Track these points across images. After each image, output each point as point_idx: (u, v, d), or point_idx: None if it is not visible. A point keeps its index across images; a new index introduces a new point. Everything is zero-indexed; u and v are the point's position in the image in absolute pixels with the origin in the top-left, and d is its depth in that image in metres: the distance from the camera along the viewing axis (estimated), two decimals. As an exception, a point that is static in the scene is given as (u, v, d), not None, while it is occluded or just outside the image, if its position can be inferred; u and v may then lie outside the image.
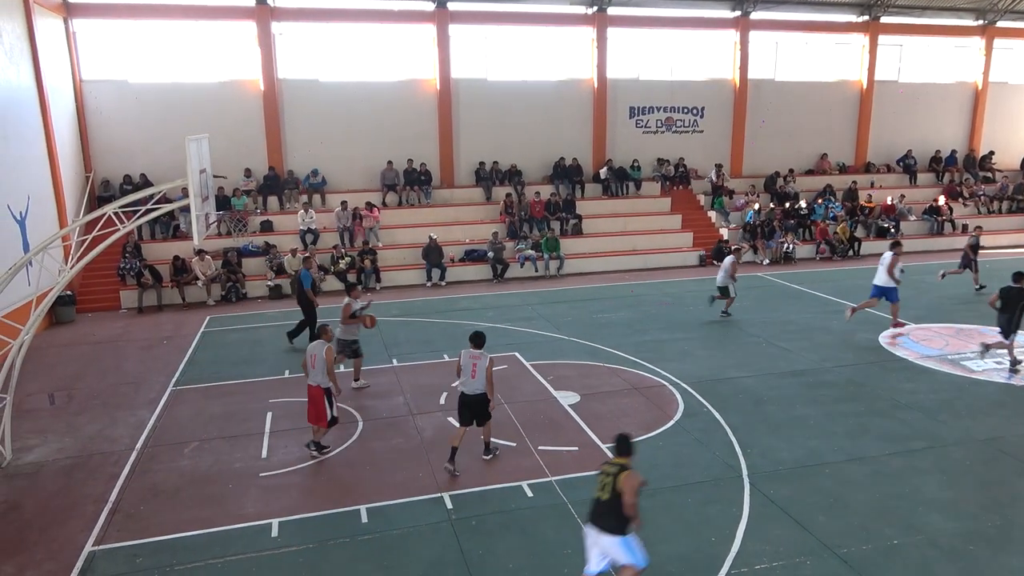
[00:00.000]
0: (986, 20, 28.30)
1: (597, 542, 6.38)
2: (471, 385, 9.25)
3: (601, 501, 6.35)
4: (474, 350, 9.31)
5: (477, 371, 9.18)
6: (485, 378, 9.15)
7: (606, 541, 6.31)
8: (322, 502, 8.63)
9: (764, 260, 23.26)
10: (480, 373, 9.16)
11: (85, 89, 20.91)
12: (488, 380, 9.17)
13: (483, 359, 9.20)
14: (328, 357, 9.60)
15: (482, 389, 9.22)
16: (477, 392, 9.23)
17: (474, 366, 9.20)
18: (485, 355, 9.25)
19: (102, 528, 8.20)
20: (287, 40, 22.43)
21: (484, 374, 9.15)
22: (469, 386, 9.27)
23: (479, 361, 9.20)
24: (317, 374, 9.63)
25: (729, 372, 12.86)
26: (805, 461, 9.46)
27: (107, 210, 10.06)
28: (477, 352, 9.28)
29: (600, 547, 6.39)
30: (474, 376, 9.20)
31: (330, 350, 9.69)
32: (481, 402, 9.28)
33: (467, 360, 9.27)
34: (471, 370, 9.22)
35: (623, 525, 6.27)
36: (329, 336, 9.98)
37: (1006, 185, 28.13)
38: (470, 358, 9.26)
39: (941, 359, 13.39)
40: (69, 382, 13.26)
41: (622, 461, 6.44)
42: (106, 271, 19.40)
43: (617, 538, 6.27)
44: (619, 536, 6.27)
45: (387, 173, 23.26)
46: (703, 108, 26.37)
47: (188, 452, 10.12)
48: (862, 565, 7.24)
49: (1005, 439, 10.03)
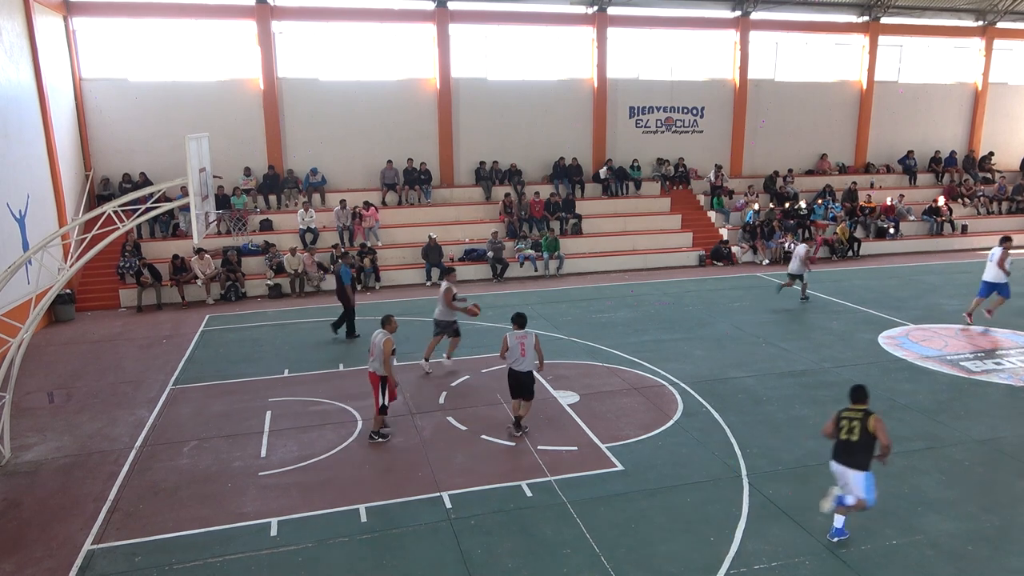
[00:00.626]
0: (986, 21, 28.32)
1: (843, 476, 7.47)
2: (521, 363, 9.93)
3: (851, 442, 7.35)
4: (519, 330, 9.99)
5: (526, 349, 9.89)
6: (534, 354, 9.88)
7: (851, 475, 7.38)
8: (321, 501, 8.63)
9: (764, 260, 23.26)
10: (529, 350, 9.90)
11: (85, 87, 20.90)
12: (538, 355, 9.99)
13: (529, 337, 9.94)
14: (386, 347, 9.79)
15: (530, 366, 9.93)
16: (527, 369, 9.94)
17: (522, 345, 9.88)
18: (530, 333, 10.02)
19: (101, 526, 8.20)
20: (287, 39, 22.43)
21: (532, 351, 9.86)
22: (519, 364, 9.93)
23: (526, 340, 9.91)
24: (375, 361, 9.91)
25: (728, 372, 12.86)
26: (804, 461, 9.46)
27: (107, 209, 10.05)
28: (522, 332, 9.98)
29: (845, 480, 7.47)
30: (523, 355, 9.89)
31: (389, 341, 9.89)
32: (530, 378, 10.00)
33: (514, 341, 9.92)
34: (519, 349, 9.88)
35: (868, 462, 7.35)
36: (393, 327, 10.16)
37: (1004, 186, 28.16)
38: (516, 339, 9.93)
39: (941, 360, 13.40)
40: (68, 381, 13.26)
41: (863, 407, 7.41)
42: (105, 270, 19.40)
43: (862, 474, 7.34)
44: (864, 472, 7.35)
45: (387, 172, 23.25)
46: (703, 108, 26.38)
47: (187, 451, 10.12)
48: (861, 565, 7.24)
49: (1004, 440, 10.03)
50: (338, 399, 11.85)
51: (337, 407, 11.54)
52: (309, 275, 20.01)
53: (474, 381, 12.59)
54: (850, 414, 7.42)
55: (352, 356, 14.11)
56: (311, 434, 10.54)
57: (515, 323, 10.09)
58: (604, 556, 7.45)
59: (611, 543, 7.67)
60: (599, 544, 7.65)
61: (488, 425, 10.68)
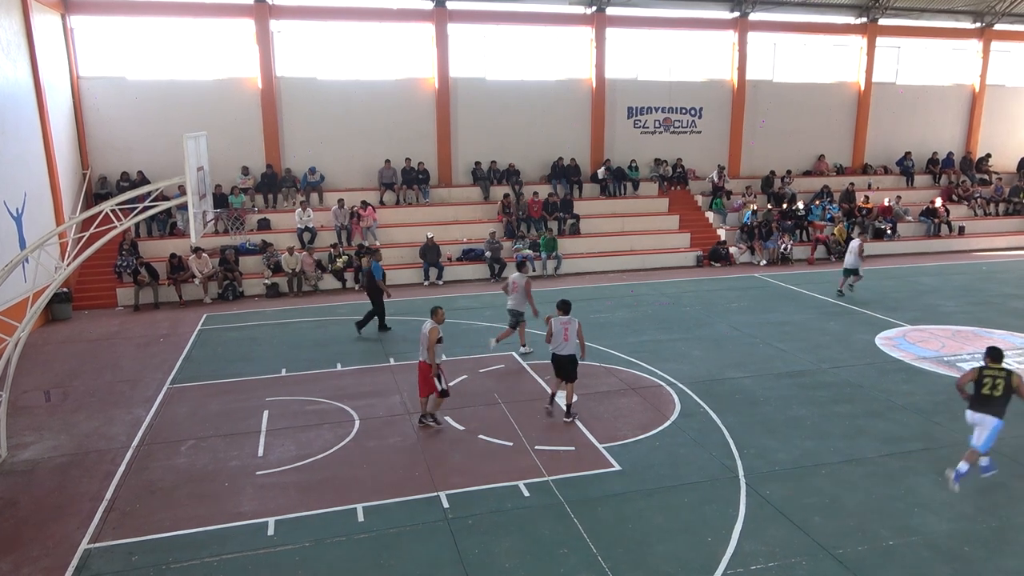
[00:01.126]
0: (983, 23, 28.37)
1: (982, 423, 8.58)
2: (564, 347, 10.50)
3: (994, 397, 8.48)
4: (563, 316, 10.54)
5: (569, 334, 10.46)
6: (577, 339, 10.42)
7: (990, 421, 8.51)
8: (318, 501, 8.62)
9: (761, 261, 23.29)
10: (572, 336, 10.44)
11: (82, 86, 20.86)
12: (580, 340, 10.50)
13: (573, 323, 10.49)
14: (431, 335, 10.06)
15: (573, 350, 10.49)
16: (569, 353, 10.51)
17: (566, 330, 10.46)
18: (574, 320, 10.52)
19: (98, 526, 8.19)
20: (285, 38, 22.41)
21: (575, 336, 10.38)
22: (562, 348, 10.52)
23: (570, 325, 10.46)
24: (427, 354, 10.24)
25: (726, 372, 12.87)
26: (801, 462, 9.48)
27: (104, 207, 10.03)
28: (566, 318, 10.52)
29: (982, 426, 8.58)
30: (567, 339, 10.46)
31: (435, 330, 10.15)
32: (572, 362, 10.54)
33: (559, 326, 10.48)
34: (563, 334, 10.46)
35: (1004, 412, 8.52)
36: (440, 317, 10.40)
37: (1001, 187, 28.22)
38: (561, 324, 10.49)
39: (937, 361, 13.42)
40: (65, 379, 13.23)
41: (1003, 366, 8.54)
42: (103, 268, 19.36)
43: (999, 421, 8.52)
44: (1000, 420, 8.53)
45: (385, 172, 23.24)
46: (701, 109, 26.40)
47: (184, 450, 10.11)
48: (858, 566, 7.26)
49: (1000, 441, 10.00)
50: (336, 399, 11.84)
51: (335, 407, 11.53)
52: (307, 274, 20.00)
53: (472, 381, 12.59)
54: (993, 372, 8.51)
55: (350, 356, 14.11)
56: (308, 433, 10.54)
57: (560, 309, 10.63)
58: (601, 556, 7.45)
59: (608, 543, 7.68)
60: (596, 544, 7.66)
61: (486, 425, 10.68)
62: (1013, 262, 23.27)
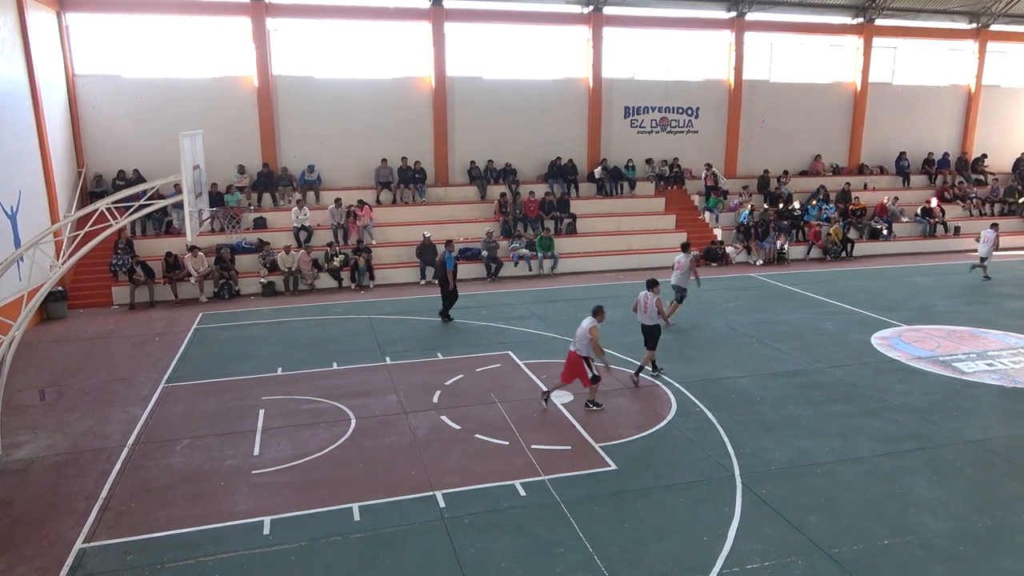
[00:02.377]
0: (979, 23, 28.44)
1: None
2: (645, 318, 12.31)
3: None
4: (649, 292, 12.26)
5: (649, 307, 12.19)
6: (655, 311, 12.15)
7: None
8: (314, 500, 8.61)
9: (758, 261, 23.32)
10: (651, 308, 12.19)
11: (78, 84, 20.80)
12: (659, 311, 12.22)
13: (653, 298, 12.20)
14: (593, 334, 10.77)
15: (653, 321, 12.20)
16: (652, 323, 12.26)
17: (646, 304, 12.24)
18: (655, 295, 12.22)
19: (93, 525, 8.16)
20: (282, 36, 22.36)
21: (655, 308, 12.14)
22: (644, 319, 12.33)
23: (649, 300, 12.21)
24: (581, 347, 10.86)
25: (722, 372, 12.89)
26: (797, 461, 9.49)
27: (99, 205, 10.01)
28: (650, 293, 12.22)
29: None
30: (646, 311, 12.26)
31: (595, 328, 10.84)
32: (654, 330, 12.31)
33: (643, 300, 12.29)
34: (644, 307, 12.27)
35: None
36: (601, 317, 11.05)
37: (996, 188, 28.30)
38: (644, 298, 12.27)
39: (933, 360, 13.45)
40: (60, 378, 13.19)
41: None
42: (98, 267, 19.30)
43: None
44: None
45: (381, 171, 23.21)
46: (698, 108, 26.41)
47: (180, 449, 10.09)
48: (853, 565, 7.27)
49: (995, 440, 10.08)
50: (331, 398, 11.82)
51: (330, 406, 11.51)
52: (303, 273, 19.97)
53: (468, 380, 12.59)
54: None
55: (346, 355, 14.09)
56: (304, 433, 10.52)
57: (648, 287, 12.39)
58: (597, 555, 7.45)
59: (605, 542, 7.68)
60: (592, 543, 7.66)
61: (482, 424, 10.67)
62: (1008, 262, 23.33)
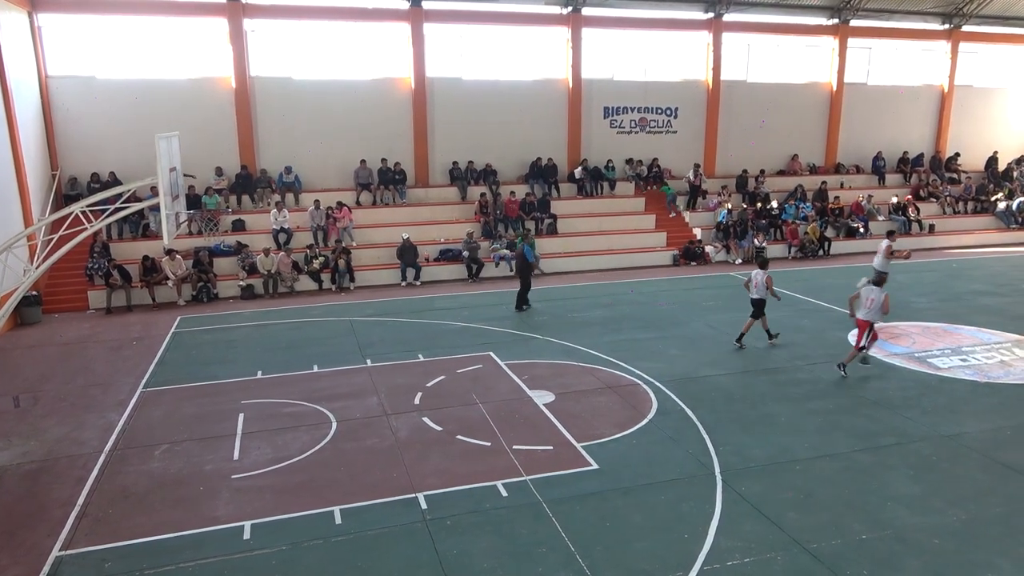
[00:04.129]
0: (952, 24, 28.90)
1: None
2: (754, 292, 14.16)
3: None
4: (759, 270, 14.13)
5: (759, 284, 14.03)
6: (764, 287, 13.95)
7: None
8: (295, 504, 8.56)
9: (736, 260, 23.51)
10: (760, 284, 14.00)
11: (51, 85, 20.51)
12: (768, 287, 13.94)
13: (763, 276, 13.98)
14: (886, 301, 12.05)
15: (760, 295, 14.04)
16: (759, 297, 14.10)
17: (756, 281, 14.07)
18: (764, 273, 14.01)
19: (69, 532, 8.06)
20: (259, 37, 22.20)
21: (763, 285, 13.96)
22: (753, 293, 14.19)
23: (759, 277, 14.02)
24: (873, 313, 12.15)
25: (702, 370, 12.99)
26: (776, 458, 9.59)
27: (74, 209, 9.90)
28: (761, 272, 14.08)
29: None
30: (756, 286, 14.07)
31: (887, 296, 12.12)
32: (759, 303, 14.16)
33: (754, 277, 14.16)
34: (755, 283, 14.08)
35: None
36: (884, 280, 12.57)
37: (969, 186, 28.76)
38: (755, 275, 14.15)
39: (908, 357, 13.65)
40: (35, 384, 13.00)
41: None
42: (73, 271, 19.04)
43: None
44: None
45: (361, 172, 23.12)
46: (676, 109, 26.59)
47: (158, 455, 9.98)
48: (831, 560, 7.36)
49: (970, 435, 10.25)
50: (312, 400, 11.76)
51: (311, 408, 11.45)
52: (283, 275, 19.84)
53: (449, 381, 12.58)
54: None
55: (327, 357, 14.02)
56: (285, 436, 10.46)
57: (759, 266, 14.27)
58: (579, 555, 7.48)
59: (586, 542, 7.71)
60: (574, 543, 7.69)
61: (464, 425, 10.67)
62: (981, 259, 23.74)
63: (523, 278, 17.49)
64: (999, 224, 27.76)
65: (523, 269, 17.46)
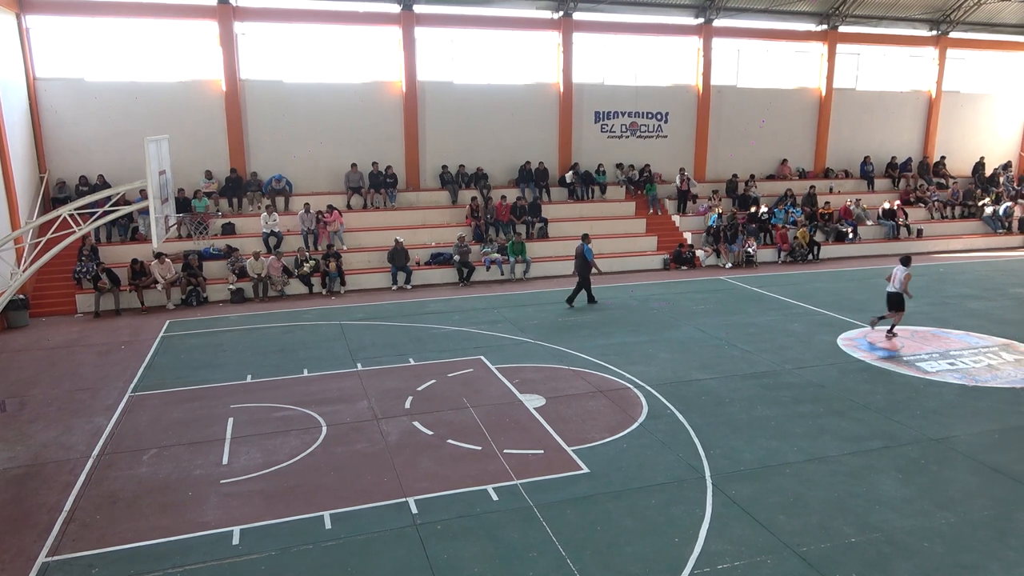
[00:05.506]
0: (939, 31, 29.15)
1: None
2: (890, 287, 15.01)
3: None
4: (901, 266, 14.84)
5: (897, 279, 14.82)
6: (901, 283, 14.73)
7: None
8: (285, 509, 8.52)
9: (727, 264, 23.60)
10: (898, 280, 14.79)
11: (39, 87, 20.38)
12: (904, 284, 14.73)
13: (903, 272, 14.73)
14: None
15: (896, 289, 14.85)
16: (895, 291, 14.89)
17: (896, 276, 14.85)
18: (904, 270, 14.72)
19: (56, 538, 7.98)
20: (250, 40, 22.14)
21: (901, 281, 14.72)
22: (890, 287, 15.02)
23: (898, 273, 14.80)
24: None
25: (692, 374, 13.02)
26: (766, 461, 9.62)
27: (62, 212, 9.83)
28: (902, 268, 14.79)
29: None
30: (893, 282, 14.92)
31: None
32: (895, 297, 14.91)
33: (895, 273, 14.92)
34: (894, 278, 14.90)
35: None
36: None
37: (957, 191, 28.99)
38: (896, 271, 14.89)
39: (897, 360, 13.72)
40: (22, 388, 12.89)
41: None
42: (61, 274, 18.91)
43: None
44: None
45: (352, 176, 23.09)
46: (667, 113, 26.68)
47: (147, 459, 9.91)
48: (821, 563, 7.38)
49: (958, 438, 10.32)
50: (302, 405, 11.71)
51: (301, 413, 11.41)
52: (273, 279, 19.77)
53: (440, 385, 12.56)
54: None
55: (317, 362, 13.97)
56: (274, 441, 10.41)
57: (902, 263, 14.93)
58: (570, 559, 7.48)
59: (577, 546, 7.70)
60: (565, 547, 7.68)
61: (454, 429, 10.65)
62: (969, 263, 23.92)
63: (581, 276, 18.26)
64: (986, 229, 27.99)
65: (582, 268, 18.16)
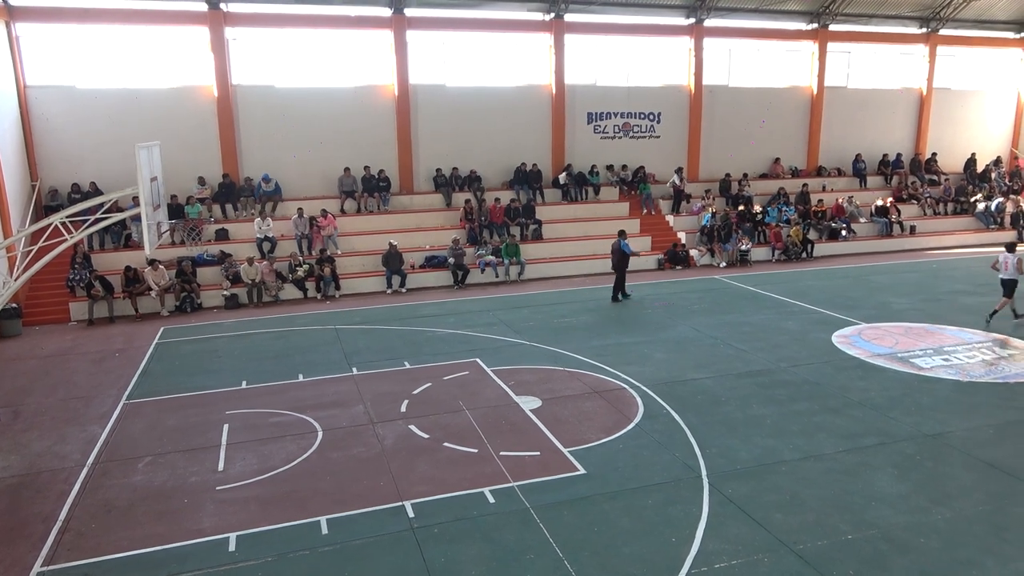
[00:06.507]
0: (929, 28, 29.26)
1: None
2: (1003, 274, 15.53)
3: None
4: (1009, 253, 15.49)
5: (1010, 265, 15.39)
6: (1015, 268, 15.29)
7: None
8: (281, 514, 8.50)
9: (721, 263, 23.64)
10: (1011, 266, 15.36)
11: (30, 95, 20.30)
12: (1019, 268, 15.30)
13: (1013, 258, 15.35)
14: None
15: (1010, 276, 15.40)
16: (1009, 278, 15.43)
17: (1006, 263, 15.47)
18: (1015, 256, 15.35)
19: (51, 548, 7.95)
20: (241, 46, 22.10)
21: (1014, 267, 15.30)
22: (1004, 275, 15.52)
23: (1010, 259, 15.40)
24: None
25: (688, 374, 13.03)
26: (762, 460, 9.63)
27: (54, 219, 9.81)
28: (1010, 255, 15.44)
29: None
30: (1006, 269, 15.44)
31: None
32: (1010, 283, 15.47)
33: (1003, 259, 15.54)
34: (1004, 265, 15.47)
35: None
36: None
37: (949, 188, 29.10)
38: (1004, 258, 15.55)
39: (891, 357, 13.76)
40: (15, 398, 12.83)
41: None
42: (54, 282, 18.84)
43: None
44: None
45: (345, 180, 23.06)
46: (659, 114, 26.71)
47: (142, 467, 9.88)
48: (818, 560, 7.40)
49: (952, 434, 10.35)
50: (297, 410, 11.69)
51: (296, 418, 11.38)
52: (267, 285, 19.73)
53: (436, 388, 12.55)
54: None
55: (313, 366, 13.95)
56: (270, 446, 10.38)
57: (1007, 248, 15.65)
58: (568, 560, 7.47)
59: (574, 547, 7.70)
60: (562, 548, 7.68)
61: (450, 432, 10.64)
62: (961, 260, 24.00)
63: (619, 271, 18.69)
64: (978, 225, 28.09)
65: (619, 263, 18.61)
